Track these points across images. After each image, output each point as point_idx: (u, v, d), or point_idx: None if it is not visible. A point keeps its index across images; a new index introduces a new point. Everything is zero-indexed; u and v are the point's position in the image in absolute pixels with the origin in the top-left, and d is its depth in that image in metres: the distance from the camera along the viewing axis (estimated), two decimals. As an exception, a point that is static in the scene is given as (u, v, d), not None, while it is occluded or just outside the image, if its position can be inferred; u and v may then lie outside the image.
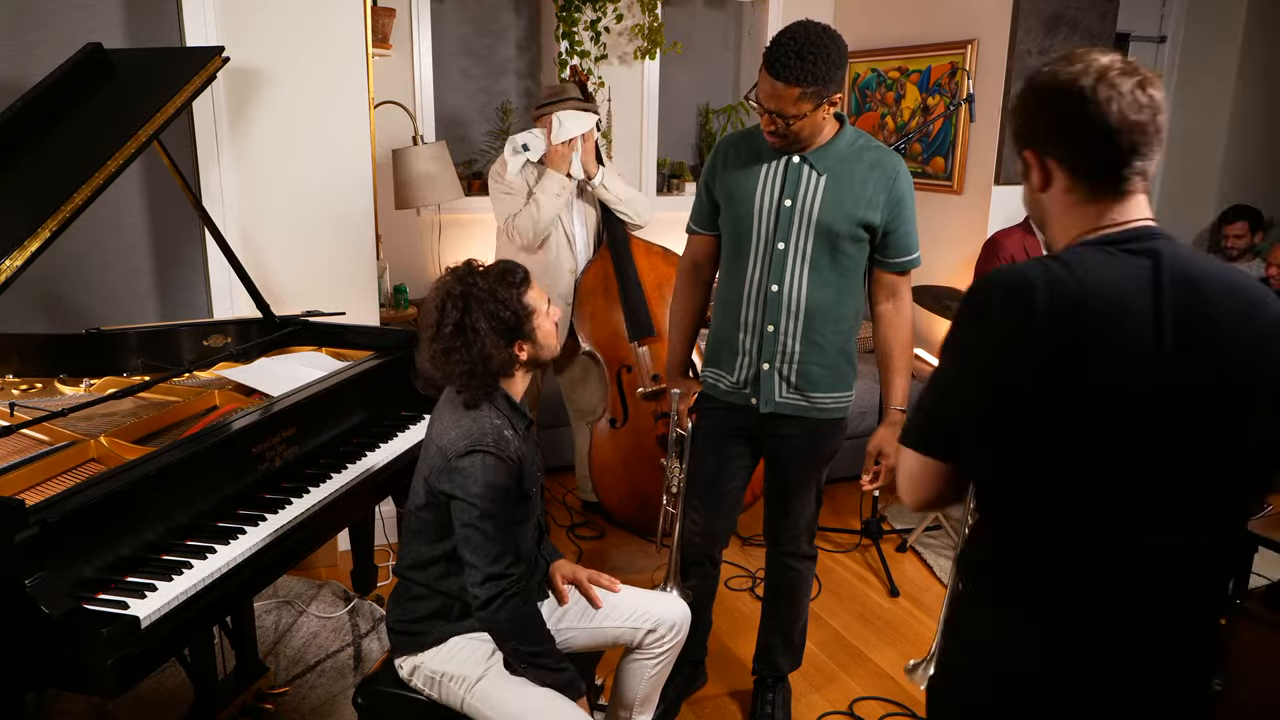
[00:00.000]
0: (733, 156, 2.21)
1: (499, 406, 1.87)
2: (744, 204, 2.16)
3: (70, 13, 2.82)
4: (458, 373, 1.82)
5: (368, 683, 1.98)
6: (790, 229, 2.12)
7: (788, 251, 2.14)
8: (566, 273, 3.35)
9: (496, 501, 1.78)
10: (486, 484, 1.77)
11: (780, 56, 1.96)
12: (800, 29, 1.98)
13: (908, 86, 4.56)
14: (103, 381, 2.39)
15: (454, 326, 1.80)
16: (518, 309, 1.82)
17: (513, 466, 1.82)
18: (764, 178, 2.14)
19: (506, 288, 1.82)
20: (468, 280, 1.82)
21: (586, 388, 3.57)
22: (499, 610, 1.79)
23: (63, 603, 1.51)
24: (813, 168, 2.11)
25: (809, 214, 2.11)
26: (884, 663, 2.86)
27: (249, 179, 3.05)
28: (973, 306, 1.19)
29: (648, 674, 2.08)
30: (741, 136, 2.26)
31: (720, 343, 2.29)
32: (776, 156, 2.13)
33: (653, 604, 2.08)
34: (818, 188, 2.10)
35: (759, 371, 2.22)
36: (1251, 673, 2.19)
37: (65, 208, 2.03)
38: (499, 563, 1.78)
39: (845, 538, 3.66)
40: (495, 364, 1.82)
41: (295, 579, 3.16)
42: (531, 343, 1.87)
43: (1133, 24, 4.97)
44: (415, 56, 4.35)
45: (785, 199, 2.12)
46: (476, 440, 1.79)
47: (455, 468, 1.78)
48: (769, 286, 2.16)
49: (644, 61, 4.64)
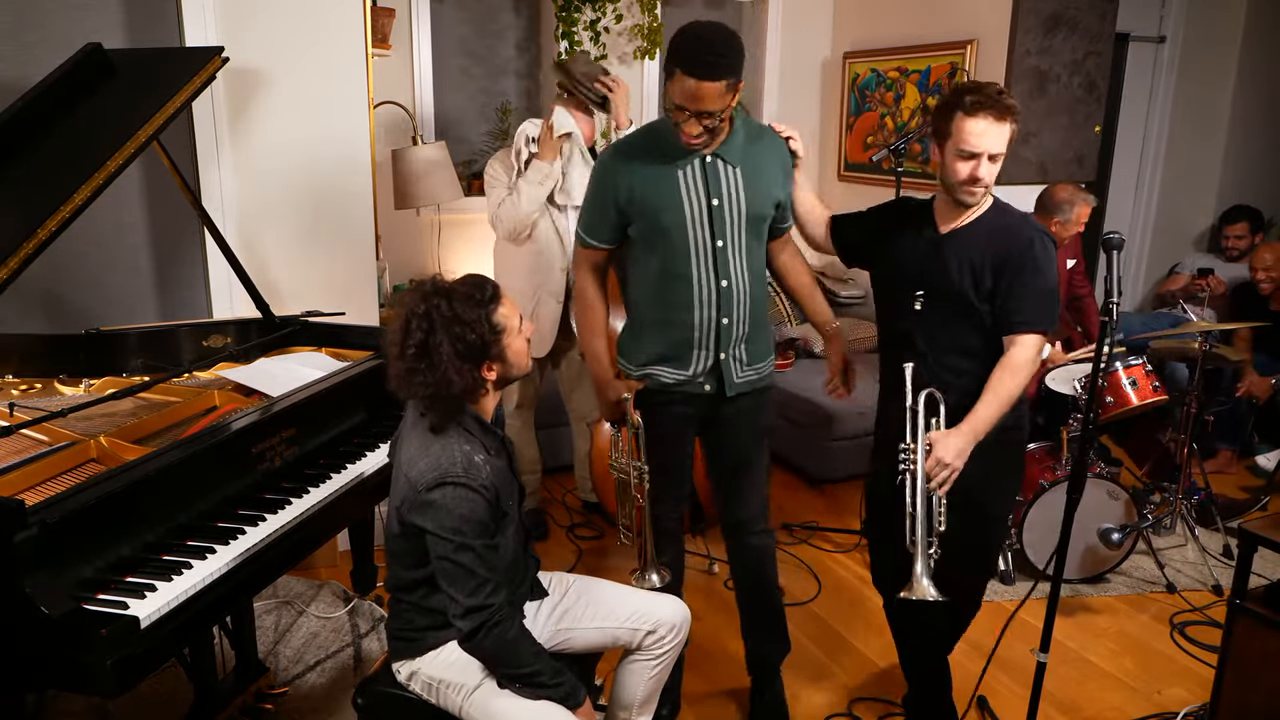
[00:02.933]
0: (636, 168, 2.19)
1: (468, 428, 1.81)
2: (672, 212, 2.17)
3: (70, 13, 2.82)
4: (421, 395, 1.75)
5: (367, 683, 1.98)
6: (724, 226, 2.19)
7: (727, 248, 2.21)
8: (558, 270, 3.32)
9: (470, 534, 1.73)
10: (460, 516, 1.72)
11: (698, 57, 2.00)
12: (700, 28, 2.05)
13: (907, 86, 4.56)
14: (103, 382, 2.40)
15: (416, 348, 1.71)
16: (483, 330, 1.73)
17: (486, 494, 1.76)
18: (684, 182, 2.17)
19: (473, 307, 1.73)
20: (432, 300, 1.72)
21: (584, 389, 3.57)
22: (483, 641, 1.76)
23: (62, 603, 1.51)
24: (727, 163, 2.17)
25: (737, 208, 2.19)
26: (884, 663, 2.86)
27: (249, 179, 3.05)
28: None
29: (647, 676, 2.07)
30: (637, 145, 2.25)
31: (668, 341, 2.28)
32: (687, 160, 2.16)
33: (653, 605, 2.07)
34: (737, 181, 2.18)
35: (717, 360, 2.28)
36: (1251, 673, 2.18)
37: (65, 208, 2.04)
38: (478, 594, 1.74)
39: (845, 538, 3.66)
40: (458, 388, 1.74)
41: (295, 579, 3.17)
42: (501, 362, 1.80)
43: (1132, 24, 4.98)
44: (415, 56, 4.35)
45: (712, 199, 2.17)
46: (445, 471, 1.72)
47: (425, 501, 1.73)
48: (719, 284, 2.22)
49: (644, 61, 4.64)
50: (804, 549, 3.60)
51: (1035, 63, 4.00)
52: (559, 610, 2.06)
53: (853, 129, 4.97)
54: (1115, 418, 3.46)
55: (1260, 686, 2.17)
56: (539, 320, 3.33)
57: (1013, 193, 3.68)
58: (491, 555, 1.77)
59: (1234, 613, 2.21)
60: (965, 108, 2.08)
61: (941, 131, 2.16)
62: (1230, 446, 4.40)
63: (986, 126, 2.07)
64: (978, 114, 2.08)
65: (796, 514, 3.86)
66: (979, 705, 2.65)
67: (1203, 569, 3.40)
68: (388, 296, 4.04)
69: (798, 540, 3.66)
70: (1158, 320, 4.72)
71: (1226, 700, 2.25)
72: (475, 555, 1.73)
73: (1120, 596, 3.25)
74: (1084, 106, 4.11)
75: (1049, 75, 4.04)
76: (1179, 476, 3.58)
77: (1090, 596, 3.23)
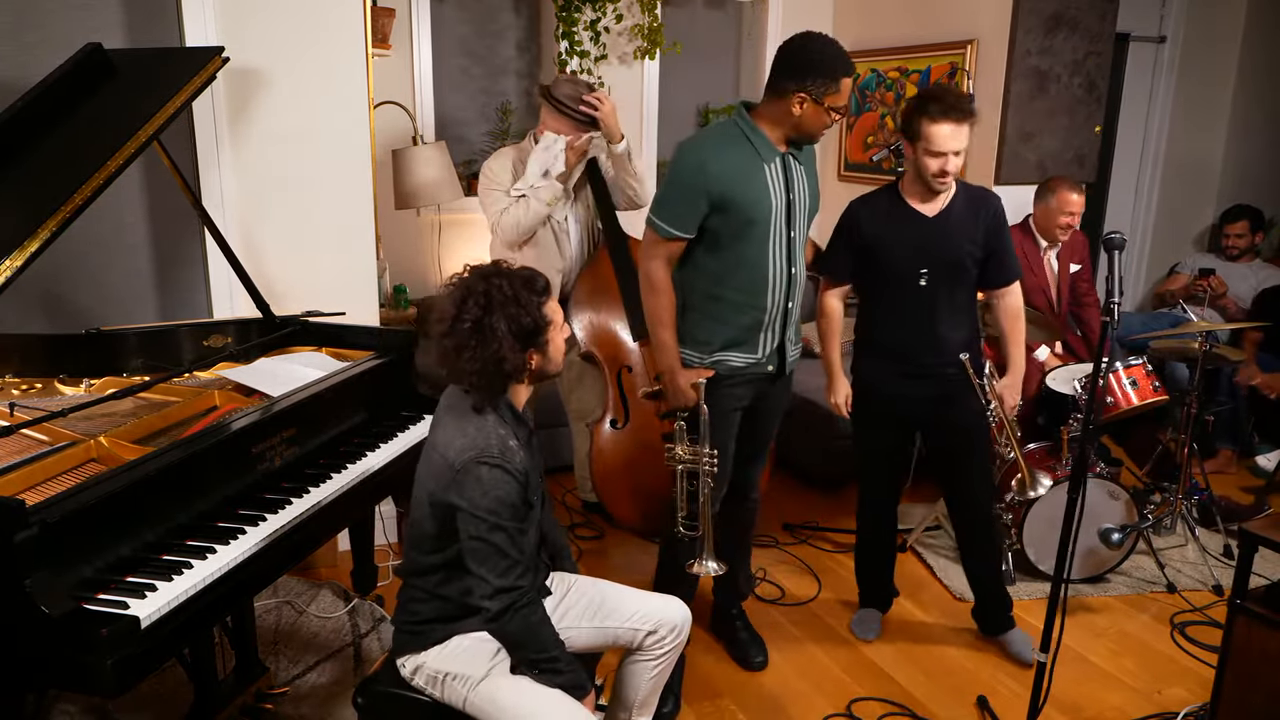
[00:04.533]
0: (730, 165, 2.35)
1: (503, 415, 1.86)
2: (760, 205, 2.37)
3: (70, 13, 2.82)
4: (468, 371, 1.78)
5: (368, 683, 1.98)
6: (796, 218, 2.43)
7: (796, 239, 2.45)
8: (554, 272, 3.33)
9: (503, 514, 1.77)
10: (495, 497, 1.76)
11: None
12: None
13: (908, 86, 4.56)
14: (103, 381, 2.39)
15: (472, 323, 1.76)
16: (538, 317, 1.80)
17: (519, 478, 1.80)
18: (769, 178, 2.38)
19: (530, 294, 1.81)
20: (493, 280, 1.79)
21: (583, 389, 3.57)
22: (510, 622, 1.79)
23: (63, 603, 1.51)
24: (797, 160, 2.43)
25: (804, 204, 2.46)
26: (883, 663, 2.86)
27: (249, 179, 3.05)
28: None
29: (647, 675, 2.07)
30: (722, 144, 2.39)
31: (740, 327, 2.47)
32: (772, 159, 2.38)
33: (654, 606, 2.07)
34: (803, 180, 2.45)
35: (781, 342, 2.52)
36: (1251, 673, 2.18)
37: (65, 208, 2.03)
38: (508, 575, 1.77)
39: (845, 538, 3.66)
40: (508, 366, 1.79)
41: (295, 579, 3.16)
42: (542, 354, 1.85)
43: (1133, 24, 4.97)
44: (415, 56, 4.35)
45: (789, 194, 2.41)
46: (483, 451, 1.77)
47: (462, 480, 1.77)
48: (790, 270, 2.45)
49: (644, 62, 4.64)
50: (804, 549, 3.60)
51: (1035, 63, 4.00)
52: (560, 609, 2.06)
53: (853, 129, 4.97)
54: (1115, 418, 3.46)
55: (1260, 686, 2.17)
56: None
57: (1013, 193, 3.70)
58: (522, 539, 1.81)
59: (1234, 613, 2.21)
60: (931, 114, 2.47)
61: (911, 133, 2.54)
62: (1230, 446, 4.39)
63: (952, 130, 2.47)
64: (942, 120, 2.46)
65: (796, 514, 3.86)
66: (979, 705, 2.65)
67: (1203, 569, 3.40)
68: (388, 297, 4.04)
69: (798, 540, 3.66)
70: (1158, 320, 4.72)
71: (1227, 700, 2.25)
72: (507, 536, 1.77)
73: (1120, 596, 3.25)
74: (1084, 106, 4.11)
75: (1049, 75, 4.04)
76: (1179, 476, 3.57)
77: (1090, 596, 3.23)
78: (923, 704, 2.66)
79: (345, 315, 2.78)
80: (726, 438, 2.53)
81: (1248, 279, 4.67)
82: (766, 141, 2.36)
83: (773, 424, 2.69)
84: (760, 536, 2.99)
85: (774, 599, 3.23)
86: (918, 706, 2.64)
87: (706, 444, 2.38)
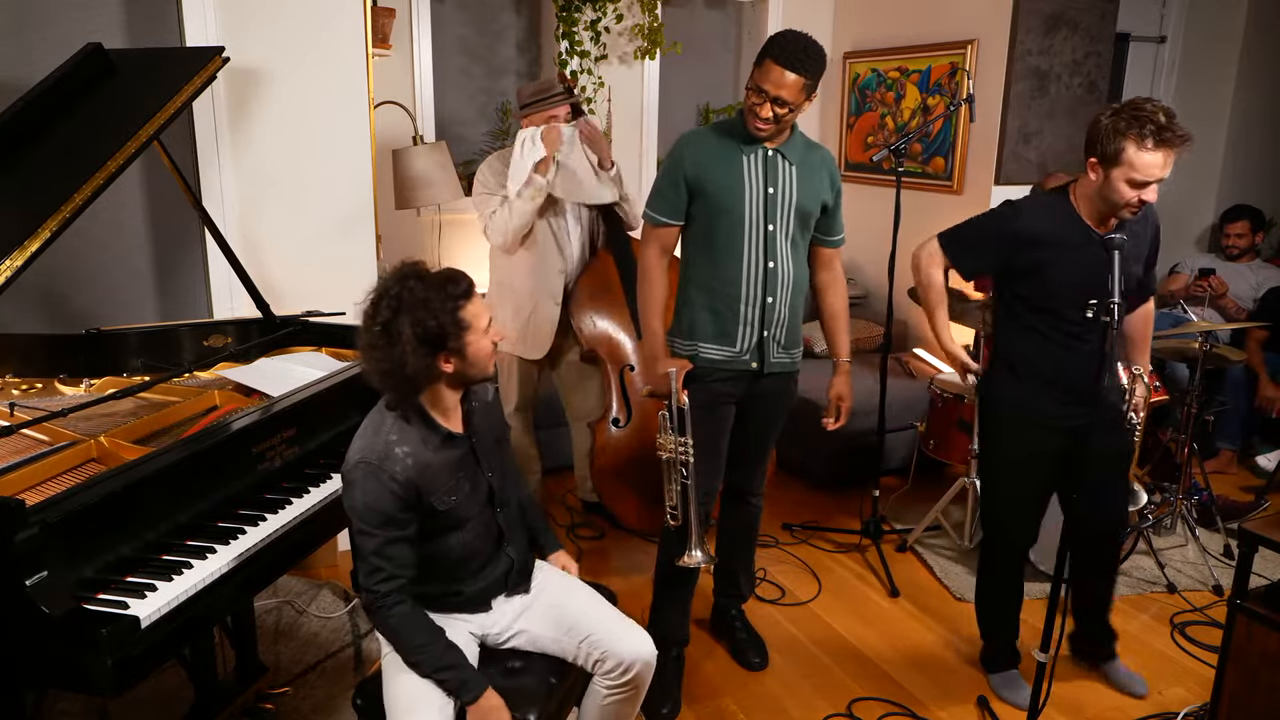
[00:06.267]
0: (706, 151, 2.43)
1: (407, 418, 1.83)
2: (733, 192, 2.40)
3: (70, 13, 2.82)
4: (375, 371, 1.78)
5: (368, 683, 1.98)
6: (776, 213, 2.42)
7: (776, 233, 2.43)
8: (556, 273, 3.32)
9: (371, 521, 1.76)
10: (364, 503, 1.76)
11: (789, 49, 2.27)
12: (798, 32, 2.32)
13: (908, 86, 4.56)
14: (103, 381, 2.40)
15: (381, 326, 1.74)
16: (445, 321, 1.73)
17: (394, 487, 1.75)
18: (747, 168, 2.40)
19: (443, 298, 1.74)
20: (407, 282, 1.75)
21: (583, 390, 3.57)
22: (374, 616, 1.82)
23: (63, 603, 1.51)
24: (785, 159, 2.42)
25: (789, 199, 2.43)
26: (884, 663, 2.86)
27: (249, 179, 3.05)
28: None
29: (600, 701, 2.02)
30: (709, 133, 2.49)
31: (718, 318, 2.48)
32: (752, 150, 2.40)
33: (612, 635, 1.99)
34: (792, 176, 2.43)
35: (761, 338, 2.49)
36: (1251, 673, 2.18)
37: (65, 208, 2.04)
38: (371, 578, 1.78)
39: (845, 538, 3.66)
40: (410, 371, 1.75)
41: (295, 579, 3.16)
42: (460, 358, 1.79)
43: (1133, 24, 4.98)
44: (415, 56, 4.35)
45: (769, 187, 2.41)
46: (364, 455, 1.77)
47: (346, 479, 1.79)
48: (766, 264, 2.44)
49: (644, 62, 4.64)
50: (804, 549, 3.59)
51: (1035, 63, 4.00)
52: (525, 604, 2.04)
53: (853, 129, 4.97)
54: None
55: (1260, 686, 2.17)
56: (537, 323, 3.33)
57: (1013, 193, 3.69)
58: (395, 548, 1.79)
59: (1234, 613, 2.21)
60: (1141, 138, 2.08)
61: (1110, 156, 2.14)
62: (1231, 446, 4.39)
63: (1166, 159, 2.10)
64: (1157, 148, 2.08)
65: (796, 514, 3.86)
66: (979, 705, 2.65)
67: (1203, 569, 3.40)
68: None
69: (798, 540, 3.66)
70: (1158, 320, 4.70)
71: (1227, 700, 2.24)
72: (373, 542, 1.77)
73: (1121, 596, 3.24)
74: (1085, 106, 4.11)
75: (1049, 75, 4.04)
76: (1179, 476, 3.57)
77: (1090, 596, 3.23)
78: (923, 704, 2.66)
79: (345, 315, 2.79)
80: (716, 434, 2.54)
81: (1248, 279, 4.67)
82: (749, 134, 2.40)
83: (768, 427, 2.67)
84: (760, 536, 2.97)
85: (774, 599, 3.22)
86: (918, 706, 2.64)
87: (686, 434, 2.41)
